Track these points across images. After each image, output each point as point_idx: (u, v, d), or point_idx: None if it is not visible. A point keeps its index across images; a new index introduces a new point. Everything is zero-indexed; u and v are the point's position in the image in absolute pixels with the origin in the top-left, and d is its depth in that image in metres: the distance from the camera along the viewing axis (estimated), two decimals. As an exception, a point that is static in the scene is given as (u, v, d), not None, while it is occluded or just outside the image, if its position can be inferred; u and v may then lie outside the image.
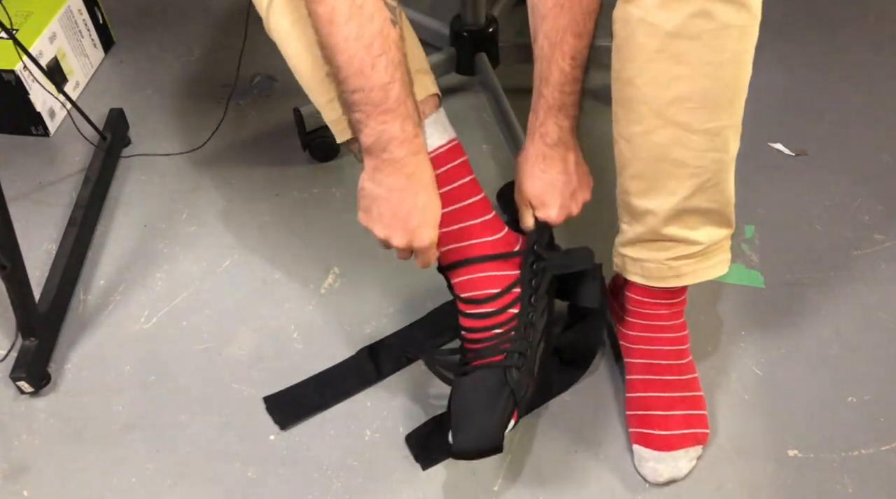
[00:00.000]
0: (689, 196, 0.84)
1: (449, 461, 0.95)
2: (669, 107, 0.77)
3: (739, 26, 0.73)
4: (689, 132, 0.79)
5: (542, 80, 0.85)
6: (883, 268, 1.13)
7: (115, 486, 0.94)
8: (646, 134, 0.80)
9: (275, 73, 1.47)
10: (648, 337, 0.96)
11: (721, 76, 0.76)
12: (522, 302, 0.89)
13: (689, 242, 0.88)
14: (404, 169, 0.81)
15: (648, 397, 0.94)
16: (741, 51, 0.75)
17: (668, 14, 0.72)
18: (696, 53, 0.74)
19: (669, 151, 0.81)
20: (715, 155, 0.81)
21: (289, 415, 0.99)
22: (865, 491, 0.91)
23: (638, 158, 0.83)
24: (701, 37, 0.73)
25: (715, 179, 0.83)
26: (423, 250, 0.85)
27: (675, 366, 0.95)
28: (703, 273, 0.91)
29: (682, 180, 0.83)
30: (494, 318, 0.89)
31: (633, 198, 0.87)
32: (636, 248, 0.92)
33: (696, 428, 0.93)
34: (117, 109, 1.34)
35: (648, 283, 0.93)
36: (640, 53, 0.76)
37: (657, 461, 0.91)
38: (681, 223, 0.87)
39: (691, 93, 0.76)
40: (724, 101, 0.78)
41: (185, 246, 1.19)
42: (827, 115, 1.36)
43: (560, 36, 0.81)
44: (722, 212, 0.87)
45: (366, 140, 0.80)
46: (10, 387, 1.02)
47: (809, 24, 1.54)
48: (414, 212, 0.83)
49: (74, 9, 1.44)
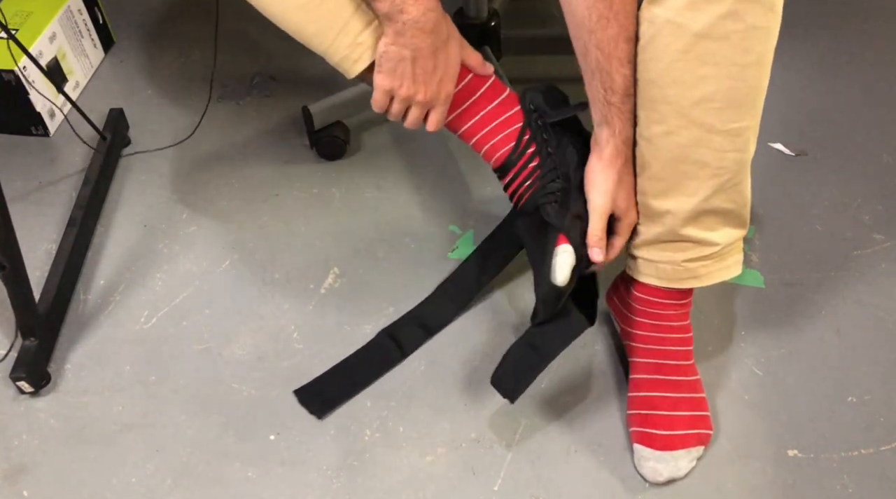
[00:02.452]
0: (710, 197, 0.84)
1: (449, 461, 0.95)
2: (694, 107, 0.77)
3: (765, 27, 0.74)
4: (712, 133, 0.79)
5: (607, 90, 0.82)
6: (883, 268, 1.13)
7: (115, 486, 0.94)
8: (668, 134, 0.80)
9: (275, 73, 1.47)
10: (657, 337, 0.96)
11: (746, 77, 0.76)
12: (540, 155, 0.92)
13: (706, 243, 0.88)
14: (425, 27, 0.83)
15: (654, 397, 0.94)
16: (765, 51, 0.76)
17: (696, 14, 0.72)
18: (723, 54, 0.74)
19: (691, 152, 0.81)
20: (736, 155, 0.81)
21: (323, 404, 1.00)
22: (865, 491, 0.91)
23: (658, 158, 0.83)
24: (729, 37, 0.73)
25: (735, 180, 0.83)
26: (443, 103, 0.90)
27: (683, 367, 0.95)
28: (719, 274, 0.91)
29: (703, 181, 0.83)
30: (522, 173, 0.93)
31: (651, 199, 0.87)
32: (652, 249, 0.91)
33: (700, 429, 0.93)
34: (117, 109, 1.34)
35: (663, 284, 0.92)
36: (666, 54, 0.76)
37: (657, 461, 0.91)
38: (699, 224, 0.87)
39: (716, 93, 0.76)
40: (748, 101, 0.78)
41: (185, 246, 1.19)
42: (827, 116, 1.36)
43: (613, 45, 0.79)
44: (739, 213, 0.87)
45: (381, 7, 0.82)
46: (10, 387, 1.02)
47: (811, 25, 1.54)
48: (438, 67, 0.87)
49: (74, 9, 1.44)
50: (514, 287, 1.12)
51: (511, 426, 0.98)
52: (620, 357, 1.03)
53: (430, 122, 0.92)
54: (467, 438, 0.97)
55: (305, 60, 1.46)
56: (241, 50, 1.51)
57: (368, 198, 1.25)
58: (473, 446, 0.96)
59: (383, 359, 1.04)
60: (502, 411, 0.99)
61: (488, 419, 0.98)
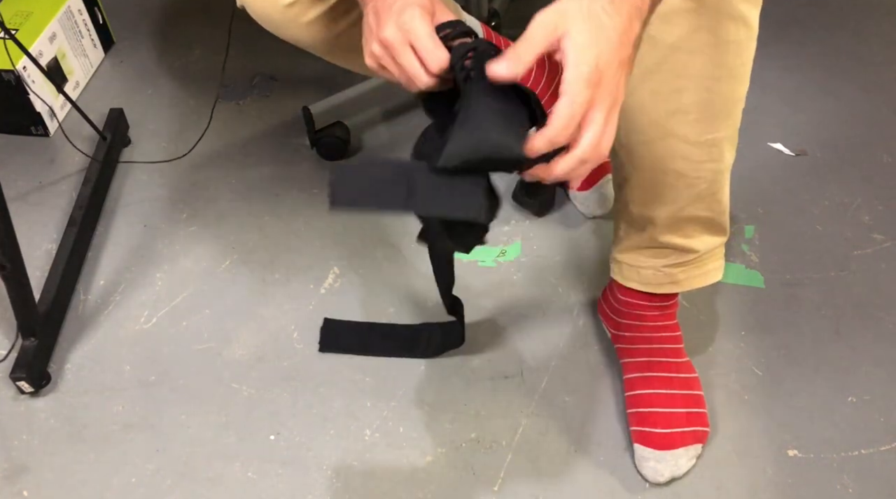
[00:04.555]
0: (687, 205, 0.85)
1: (449, 461, 0.95)
2: (669, 118, 0.78)
3: (738, 41, 0.74)
4: (687, 144, 0.79)
5: None
6: (883, 268, 1.13)
7: (115, 486, 0.94)
8: (646, 144, 0.81)
9: (275, 73, 1.47)
10: (644, 337, 0.97)
11: (721, 89, 0.77)
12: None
13: (685, 249, 0.90)
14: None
15: (649, 394, 0.94)
16: (739, 64, 0.76)
17: (669, 27, 0.72)
18: (696, 67, 0.74)
19: (669, 162, 0.81)
20: (712, 165, 0.82)
21: (331, 343, 1.05)
22: (865, 491, 0.91)
23: (637, 167, 0.84)
24: (703, 51, 0.73)
25: (712, 189, 0.84)
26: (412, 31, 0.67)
27: (674, 363, 0.96)
28: (698, 280, 0.93)
29: (681, 190, 0.84)
30: None
31: (632, 207, 0.88)
32: (633, 255, 0.94)
33: (697, 426, 0.93)
34: (117, 109, 1.34)
35: (645, 289, 0.95)
36: (640, 65, 0.76)
37: (658, 461, 0.91)
38: (679, 232, 0.88)
39: (691, 105, 0.77)
40: (723, 113, 0.79)
41: (185, 246, 1.19)
42: (826, 115, 1.36)
43: None
44: (717, 220, 0.88)
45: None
46: (10, 387, 1.02)
47: (809, 24, 1.54)
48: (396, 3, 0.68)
49: (74, 9, 1.44)
50: (512, 287, 1.12)
51: (511, 426, 0.98)
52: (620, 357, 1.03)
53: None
54: (467, 438, 0.97)
55: (305, 60, 1.45)
56: (242, 50, 1.50)
57: (368, 198, 1.25)
58: (473, 446, 0.96)
59: (405, 345, 1.05)
60: (502, 411, 0.99)
61: (488, 419, 0.98)
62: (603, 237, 1.18)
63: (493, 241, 1.18)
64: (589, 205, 1.19)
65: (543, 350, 1.05)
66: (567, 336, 1.06)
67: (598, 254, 1.15)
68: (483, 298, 1.11)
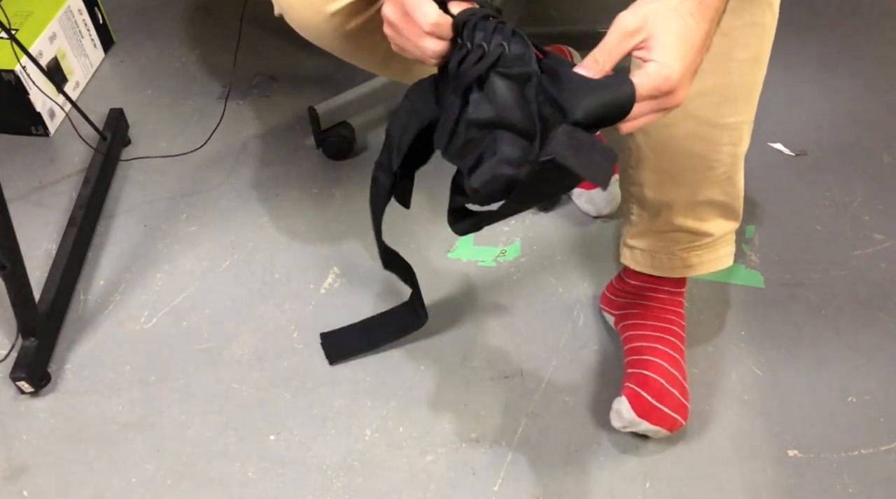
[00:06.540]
0: (704, 189, 0.85)
1: (449, 461, 0.95)
2: (691, 101, 0.77)
3: (763, 24, 0.75)
4: (708, 126, 0.80)
5: None
6: (883, 268, 1.13)
7: (115, 486, 0.94)
8: (665, 126, 0.81)
9: (275, 74, 1.47)
10: (654, 314, 0.98)
11: (743, 72, 0.77)
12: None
13: (700, 233, 0.90)
14: None
15: (655, 362, 0.93)
16: (762, 48, 0.77)
17: None
18: (722, 49, 0.74)
19: (689, 144, 0.82)
20: (731, 149, 0.82)
21: (338, 352, 1.04)
22: (865, 491, 0.91)
23: (656, 150, 0.84)
24: (728, 33, 0.73)
25: (729, 173, 0.85)
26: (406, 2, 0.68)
27: (679, 347, 0.96)
28: (711, 264, 0.93)
29: (699, 173, 0.84)
30: None
31: (647, 190, 0.88)
32: (646, 239, 0.94)
33: (678, 414, 0.92)
34: (117, 109, 1.34)
35: (657, 273, 0.95)
36: None
37: (630, 425, 0.91)
38: (694, 215, 0.88)
39: (714, 87, 0.77)
40: (744, 96, 0.79)
41: (185, 246, 1.19)
42: (827, 115, 1.36)
43: None
44: (732, 204, 0.89)
45: None
46: (10, 387, 1.02)
47: (809, 24, 1.54)
48: None
49: (74, 9, 1.44)
50: (512, 287, 1.12)
51: (511, 426, 0.98)
52: (620, 357, 1.03)
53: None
54: (467, 438, 0.97)
55: (306, 60, 1.46)
56: (242, 50, 1.50)
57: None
58: (473, 446, 0.96)
59: (401, 323, 1.05)
60: (502, 411, 0.99)
61: (488, 419, 0.98)
62: (603, 237, 1.18)
63: (493, 241, 1.18)
64: (597, 203, 1.18)
65: (543, 350, 1.05)
66: (567, 336, 1.06)
67: (598, 254, 1.15)
68: (483, 299, 1.11)
